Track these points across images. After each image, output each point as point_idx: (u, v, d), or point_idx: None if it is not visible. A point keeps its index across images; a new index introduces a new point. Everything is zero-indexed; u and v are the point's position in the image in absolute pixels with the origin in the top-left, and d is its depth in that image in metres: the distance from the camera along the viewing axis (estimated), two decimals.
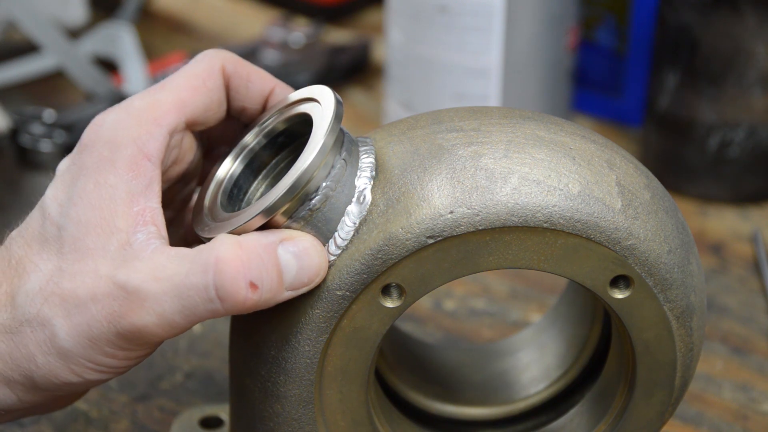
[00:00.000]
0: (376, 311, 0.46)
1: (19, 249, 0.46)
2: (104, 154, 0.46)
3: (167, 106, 0.47)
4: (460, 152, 0.46)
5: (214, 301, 0.43)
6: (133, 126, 0.46)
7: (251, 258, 0.43)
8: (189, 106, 0.47)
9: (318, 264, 0.44)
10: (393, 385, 0.55)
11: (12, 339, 0.45)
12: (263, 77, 0.49)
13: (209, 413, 0.58)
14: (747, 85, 0.77)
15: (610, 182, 0.46)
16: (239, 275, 0.43)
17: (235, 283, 0.43)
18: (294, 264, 0.44)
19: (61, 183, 0.46)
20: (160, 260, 0.43)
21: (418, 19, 0.80)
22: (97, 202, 0.45)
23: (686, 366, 0.49)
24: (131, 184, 0.45)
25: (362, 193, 0.46)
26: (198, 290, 0.43)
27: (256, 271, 0.43)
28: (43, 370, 0.45)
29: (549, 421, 0.55)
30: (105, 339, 0.44)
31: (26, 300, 0.45)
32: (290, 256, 0.44)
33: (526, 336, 0.58)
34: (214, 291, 0.43)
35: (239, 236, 0.44)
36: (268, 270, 0.43)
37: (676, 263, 0.47)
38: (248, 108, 0.50)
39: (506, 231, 0.45)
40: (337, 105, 0.46)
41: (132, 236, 0.44)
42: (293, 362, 0.47)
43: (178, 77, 0.48)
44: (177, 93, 0.47)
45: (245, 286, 0.43)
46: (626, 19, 0.87)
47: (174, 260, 0.43)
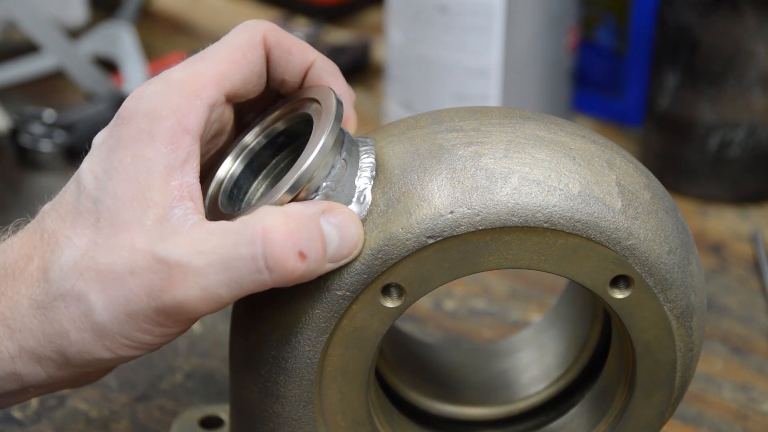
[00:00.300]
0: (376, 311, 0.46)
1: (52, 223, 0.45)
2: (142, 126, 0.45)
3: (208, 78, 0.46)
4: (461, 152, 0.46)
5: (262, 271, 0.42)
6: (173, 98, 0.45)
7: (299, 227, 0.42)
8: (229, 79, 0.47)
9: (357, 235, 0.44)
10: (393, 385, 0.55)
11: (45, 314, 0.44)
12: (304, 49, 0.49)
13: (209, 413, 0.58)
14: (747, 85, 0.77)
15: (611, 182, 0.46)
16: (289, 244, 0.42)
17: (284, 252, 0.42)
18: (336, 235, 0.43)
19: (97, 156, 0.45)
20: (202, 234, 0.43)
21: (418, 19, 0.80)
22: (134, 175, 0.44)
23: (686, 366, 0.49)
24: (169, 157, 0.44)
25: (362, 193, 0.46)
26: (246, 261, 0.42)
27: (305, 240, 0.42)
28: (76, 346, 0.44)
29: (549, 421, 0.55)
30: (143, 314, 0.43)
31: (60, 274, 0.44)
32: (332, 227, 0.43)
33: (526, 336, 0.58)
34: (263, 261, 0.42)
35: (283, 206, 0.43)
36: (315, 240, 0.43)
37: (676, 263, 0.47)
38: (288, 80, 0.49)
39: (506, 231, 0.45)
40: (338, 105, 0.46)
41: (169, 211, 0.44)
42: (293, 362, 0.47)
43: (219, 49, 0.47)
44: (218, 65, 0.47)
45: (294, 255, 0.42)
46: (626, 19, 0.87)
47: (217, 233, 0.43)
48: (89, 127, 0.82)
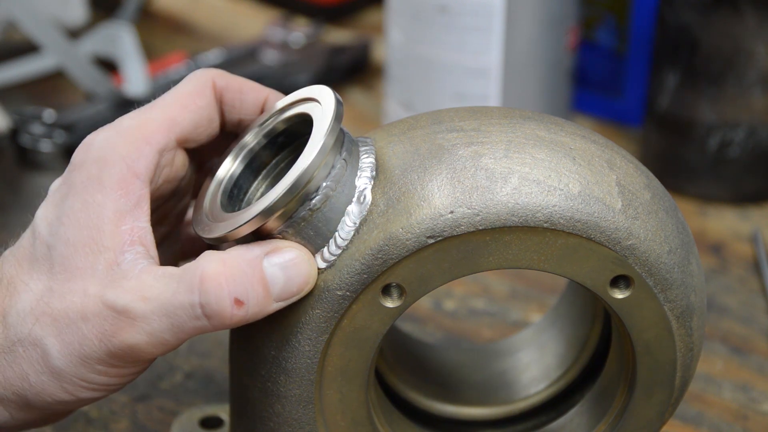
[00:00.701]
0: (376, 311, 0.46)
1: (10, 268, 0.47)
2: (93, 172, 0.46)
3: (157, 124, 0.47)
4: (461, 152, 0.46)
5: (201, 318, 0.43)
6: (122, 144, 0.46)
7: (235, 274, 0.43)
8: (179, 125, 0.48)
9: (306, 273, 0.45)
10: (393, 385, 0.55)
11: (5, 358, 0.46)
12: (255, 88, 0.50)
13: (209, 413, 0.58)
14: (747, 85, 0.77)
15: (611, 182, 0.46)
16: (224, 293, 0.43)
17: (220, 300, 0.43)
18: (281, 276, 0.44)
19: (51, 202, 0.47)
20: (148, 280, 0.44)
21: (418, 19, 0.80)
22: (84, 221, 0.45)
23: (686, 366, 0.49)
24: (119, 202, 0.45)
25: (362, 193, 0.46)
26: (185, 309, 0.43)
27: (241, 287, 0.43)
28: (36, 389, 0.45)
29: (549, 421, 0.55)
30: (96, 357, 0.44)
31: (18, 320, 0.45)
32: (276, 269, 0.44)
33: (526, 336, 0.58)
34: (200, 309, 0.43)
35: (224, 252, 0.44)
36: (253, 285, 0.44)
37: (676, 263, 0.47)
38: (244, 119, 0.50)
39: (506, 231, 0.45)
40: (338, 105, 0.46)
41: (120, 256, 0.45)
42: (293, 362, 0.47)
43: (169, 96, 0.48)
44: (167, 111, 0.48)
45: (230, 303, 0.43)
46: (626, 19, 0.87)
47: (161, 280, 0.44)
48: (89, 127, 0.82)
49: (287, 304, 0.45)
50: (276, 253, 0.44)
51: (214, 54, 0.93)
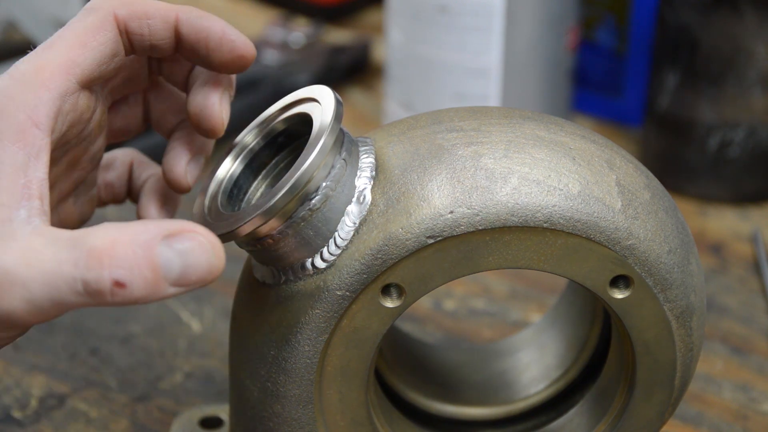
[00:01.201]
0: (375, 311, 0.46)
1: None
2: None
3: (55, 67, 0.44)
4: (460, 152, 0.46)
5: (82, 294, 0.41)
6: (19, 93, 0.44)
7: (121, 255, 0.40)
8: (79, 65, 0.45)
9: (206, 264, 0.41)
10: (393, 385, 0.55)
11: None
12: (161, 8, 0.47)
13: (209, 413, 0.58)
14: (747, 85, 0.77)
15: (610, 182, 0.46)
16: (104, 273, 0.40)
17: (100, 279, 0.40)
18: (177, 262, 0.41)
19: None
20: (36, 244, 0.41)
21: (418, 19, 0.80)
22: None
23: (686, 366, 0.49)
24: (17, 156, 0.43)
25: (362, 193, 0.46)
26: (67, 282, 0.41)
27: (125, 269, 0.40)
28: None
29: (549, 421, 0.55)
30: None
31: None
32: (173, 254, 0.41)
33: (526, 336, 0.58)
34: (81, 285, 0.40)
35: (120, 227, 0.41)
36: (141, 269, 0.40)
37: (676, 263, 0.47)
38: (158, 44, 0.47)
39: (506, 231, 0.45)
40: (337, 105, 0.46)
41: (14, 212, 0.42)
42: (293, 362, 0.47)
43: (66, 33, 0.45)
44: (65, 52, 0.45)
45: (110, 284, 0.40)
46: (626, 19, 0.87)
47: (49, 246, 0.41)
48: None
49: (189, 290, 0.42)
50: (175, 237, 0.41)
51: None
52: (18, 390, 0.62)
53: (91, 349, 0.65)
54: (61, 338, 0.66)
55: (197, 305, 0.69)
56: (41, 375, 0.63)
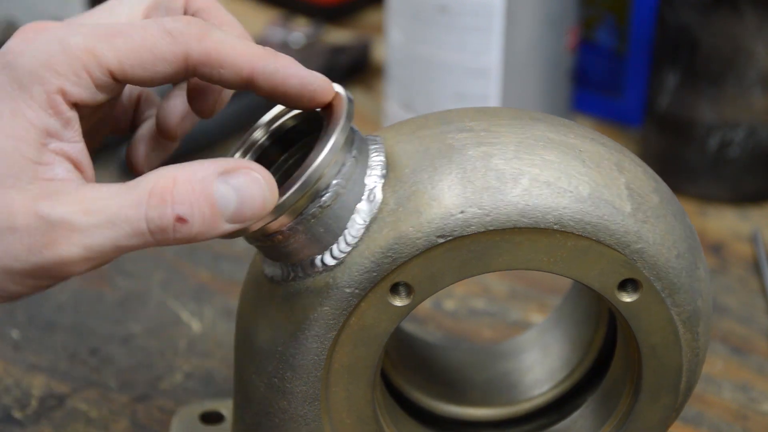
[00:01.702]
0: (384, 309, 0.46)
1: None
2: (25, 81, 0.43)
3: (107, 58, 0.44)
4: (471, 152, 0.46)
5: (145, 234, 0.42)
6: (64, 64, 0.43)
7: (182, 191, 0.42)
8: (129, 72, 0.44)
9: (261, 197, 0.42)
10: (397, 384, 0.55)
11: None
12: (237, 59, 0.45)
13: (210, 408, 0.58)
14: (747, 85, 0.77)
15: (620, 185, 0.46)
16: (167, 210, 0.41)
17: (163, 217, 0.41)
18: (233, 197, 0.42)
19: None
20: (90, 193, 0.42)
21: (418, 19, 0.80)
22: (11, 130, 0.43)
23: (692, 370, 0.49)
24: (48, 121, 0.43)
25: (372, 191, 0.46)
26: (131, 223, 0.42)
27: (186, 205, 0.42)
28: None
29: (553, 423, 0.54)
30: (21, 270, 0.42)
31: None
32: (229, 189, 0.42)
33: (530, 337, 0.58)
34: (145, 224, 0.42)
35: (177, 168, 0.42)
36: (200, 204, 0.42)
37: (684, 268, 0.47)
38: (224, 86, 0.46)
39: (517, 232, 0.45)
40: (348, 103, 0.46)
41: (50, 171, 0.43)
42: (300, 358, 0.47)
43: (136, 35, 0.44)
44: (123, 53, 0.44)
45: (172, 220, 0.41)
46: (626, 19, 0.87)
47: (105, 193, 0.42)
48: None
49: (244, 226, 0.43)
50: (231, 174, 0.42)
51: None
52: (18, 390, 0.62)
53: (91, 349, 0.65)
54: (61, 338, 0.65)
55: (197, 305, 0.69)
56: (41, 375, 0.63)
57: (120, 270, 0.72)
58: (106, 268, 0.72)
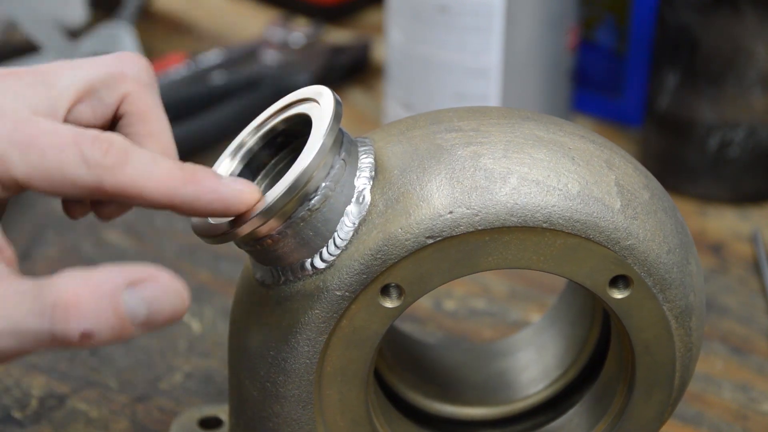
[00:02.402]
0: (375, 311, 0.46)
1: None
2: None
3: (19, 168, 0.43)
4: (460, 152, 0.46)
5: (51, 343, 0.41)
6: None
7: (88, 308, 0.40)
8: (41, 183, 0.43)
9: (170, 308, 0.41)
10: (392, 384, 0.55)
11: None
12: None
13: (208, 414, 0.58)
14: (747, 85, 0.77)
15: (609, 182, 0.46)
16: (71, 326, 0.40)
17: (67, 332, 0.40)
18: (143, 309, 0.41)
19: None
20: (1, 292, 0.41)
21: (418, 19, 0.80)
22: None
23: (685, 366, 0.49)
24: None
25: (361, 193, 0.46)
26: (34, 333, 0.41)
27: (92, 321, 0.40)
28: None
29: (548, 421, 0.55)
30: None
31: None
32: (138, 301, 0.41)
33: (525, 336, 0.58)
34: (49, 336, 0.41)
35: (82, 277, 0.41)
36: (107, 318, 0.41)
37: (675, 263, 0.47)
38: None
39: (505, 231, 0.45)
40: (336, 105, 0.46)
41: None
42: (292, 362, 0.47)
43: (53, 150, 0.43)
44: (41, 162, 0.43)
45: (77, 335, 0.41)
46: (626, 19, 0.87)
47: (12, 298, 0.41)
48: None
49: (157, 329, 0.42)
50: (138, 285, 0.41)
51: (214, 54, 0.93)
52: (18, 390, 0.62)
53: (91, 349, 0.65)
54: None
55: (197, 305, 0.69)
56: (41, 375, 0.63)
57: None
58: None
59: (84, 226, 0.75)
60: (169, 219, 0.77)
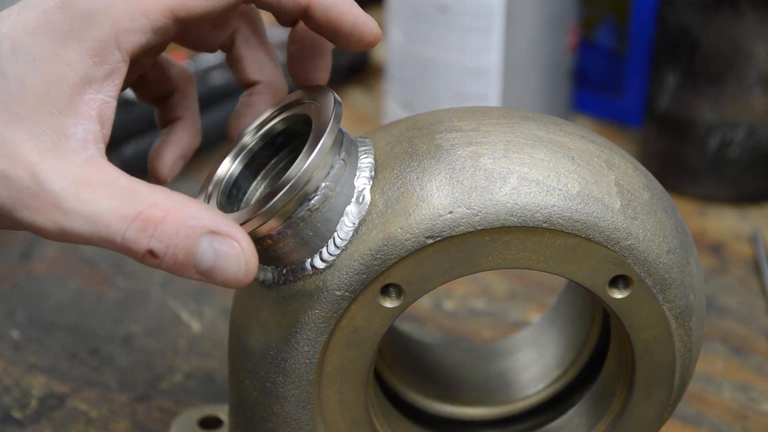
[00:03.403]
0: (375, 311, 0.46)
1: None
2: (76, 25, 0.42)
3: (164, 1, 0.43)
4: (459, 152, 0.46)
5: (117, 246, 0.41)
6: (119, 8, 0.42)
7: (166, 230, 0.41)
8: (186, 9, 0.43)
9: (233, 274, 0.42)
10: (392, 385, 0.55)
11: None
12: None
13: (208, 413, 0.58)
14: (747, 85, 0.77)
15: (609, 182, 0.46)
16: (145, 240, 0.41)
17: (138, 244, 0.41)
18: (210, 259, 0.42)
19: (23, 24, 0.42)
20: (91, 177, 0.41)
21: (418, 19, 0.80)
22: (48, 71, 0.42)
23: (685, 366, 0.49)
24: (91, 69, 0.42)
25: (361, 193, 0.46)
26: (108, 231, 0.41)
27: (164, 245, 0.41)
28: None
29: (548, 421, 0.55)
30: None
31: None
32: (210, 251, 0.42)
33: (525, 336, 0.58)
34: (120, 239, 0.41)
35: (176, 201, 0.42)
36: (177, 250, 0.41)
37: (675, 263, 0.47)
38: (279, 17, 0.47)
39: (505, 231, 0.45)
40: (336, 105, 0.46)
41: (71, 127, 0.42)
42: (292, 362, 0.47)
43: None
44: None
45: (144, 251, 0.41)
46: (626, 19, 0.87)
47: (104, 188, 0.41)
48: None
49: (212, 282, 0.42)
50: (218, 237, 0.42)
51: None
52: (18, 390, 0.62)
53: (91, 349, 0.65)
54: (61, 338, 0.66)
55: (197, 305, 0.69)
56: (41, 375, 0.63)
57: (120, 270, 0.72)
58: (107, 268, 0.72)
59: None
60: None
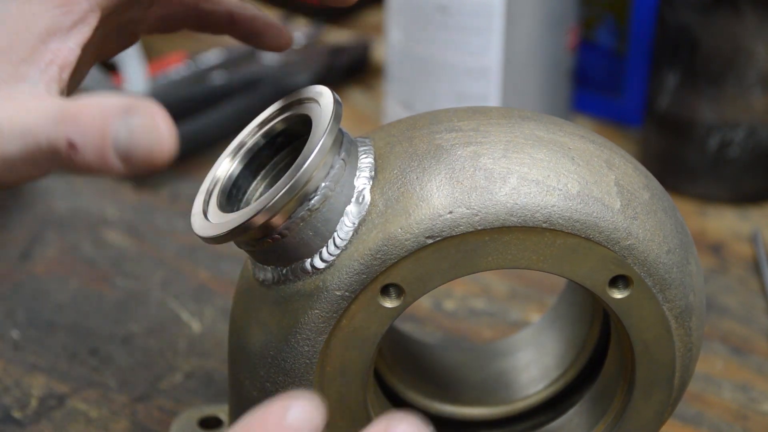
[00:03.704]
0: (375, 311, 0.46)
1: None
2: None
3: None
4: (459, 152, 0.46)
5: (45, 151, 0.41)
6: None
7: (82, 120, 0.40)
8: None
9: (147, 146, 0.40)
10: (392, 384, 0.55)
11: None
12: None
13: (208, 414, 0.58)
14: (747, 85, 0.77)
15: (609, 182, 0.46)
16: (62, 133, 0.40)
17: (57, 139, 0.40)
18: (125, 135, 0.40)
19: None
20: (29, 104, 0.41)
21: (418, 19, 0.80)
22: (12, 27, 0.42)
23: (685, 366, 0.49)
24: (56, 19, 0.42)
25: (361, 193, 0.46)
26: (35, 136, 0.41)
27: (80, 134, 0.40)
28: None
29: (548, 421, 0.55)
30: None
31: None
32: (124, 128, 0.40)
33: (525, 336, 0.58)
34: (45, 140, 0.41)
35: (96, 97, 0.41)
36: (93, 136, 0.40)
37: (675, 263, 0.47)
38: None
39: (505, 231, 0.45)
40: (336, 105, 0.46)
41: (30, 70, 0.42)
42: (292, 362, 0.47)
43: None
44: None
45: (65, 144, 0.40)
46: (626, 19, 0.87)
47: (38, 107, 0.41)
48: None
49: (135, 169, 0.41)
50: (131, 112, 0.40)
51: (214, 54, 0.93)
52: (18, 390, 0.62)
53: (91, 349, 0.65)
54: (61, 338, 0.66)
55: (197, 305, 0.69)
56: (41, 375, 0.63)
57: (120, 270, 0.72)
58: (106, 268, 0.72)
59: (84, 226, 0.75)
60: (169, 219, 0.77)
